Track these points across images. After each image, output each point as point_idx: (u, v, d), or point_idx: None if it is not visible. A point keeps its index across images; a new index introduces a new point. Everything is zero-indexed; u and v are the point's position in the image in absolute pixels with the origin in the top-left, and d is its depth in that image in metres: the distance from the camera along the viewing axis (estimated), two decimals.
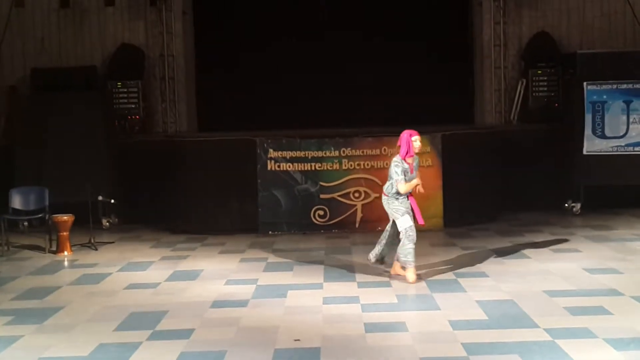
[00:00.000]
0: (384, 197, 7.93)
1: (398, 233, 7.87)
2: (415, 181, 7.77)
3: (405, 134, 7.87)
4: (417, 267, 7.98)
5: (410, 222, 7.76)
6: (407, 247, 7.75)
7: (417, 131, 7.92)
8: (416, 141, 7.84)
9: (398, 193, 7.76)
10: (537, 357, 5.51)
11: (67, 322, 6.82)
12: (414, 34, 13.57)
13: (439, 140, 10.88)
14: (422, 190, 7.91)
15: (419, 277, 7.86)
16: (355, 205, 10.81)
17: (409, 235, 7.73)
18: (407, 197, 7.84)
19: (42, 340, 6.30)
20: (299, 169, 10.89)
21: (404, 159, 7.79)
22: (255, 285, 7.92)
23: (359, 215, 10.82)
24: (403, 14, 13.72)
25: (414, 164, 7.85)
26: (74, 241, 10.06)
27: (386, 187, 7.89)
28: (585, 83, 11.62)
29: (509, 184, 11.90)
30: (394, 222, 7.89)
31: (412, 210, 7.83)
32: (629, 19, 13.13)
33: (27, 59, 13.16)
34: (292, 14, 13.80)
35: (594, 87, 11.62)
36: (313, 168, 10.90)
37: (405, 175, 7.72)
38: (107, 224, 11.65)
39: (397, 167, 7.72)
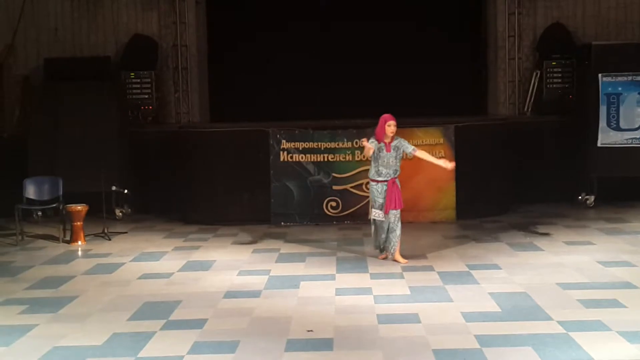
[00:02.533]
0: (369, 183, 8.40)
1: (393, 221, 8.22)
2: (367, 145, 8.02)
3: (382, 118, 8.18)
4: (429, 258, 8.03)
5: (375, 217, 8.22)
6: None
7: (393, 117, 8.19)
8: (389, 126, 8.12)
9: (377, 174, 8.16)
10: (550, 350, 5.50)
11: (81, 311, 6.86)
12: (429, 24, 13.51)
13: (452, 132, 10.84)
14: (442, 164, 8.34)
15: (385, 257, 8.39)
16: (367, 196, 10.75)
17: (372, 226, 8.32)
18: (389, 182, 8.10)
19: (57, 329, 6.34)
20: (312, 160, 10.88)
21: (379, 140, 8.12)
22: (267, 276, 7.94)
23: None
24: (418, 5, 13.66)
25: (393, 144, 8.12)
26: (87, 231, 10.11)
27: (369, 171, 8.37)
28: (600, 75, 11.54)
29: (522, 176, 11.85)
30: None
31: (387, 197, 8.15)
32: None
33: (41, 49, 13.20)
34: (307, 3, 13.76)
35: (609, 78, 11.55)
36: (326, 159, 10.89)
37: (379, 152, 8.08)
38: (120, 214, 11.70)
39: (371, 144, 8.10)
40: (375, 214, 8.22)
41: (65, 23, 13.34)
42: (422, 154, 8.32)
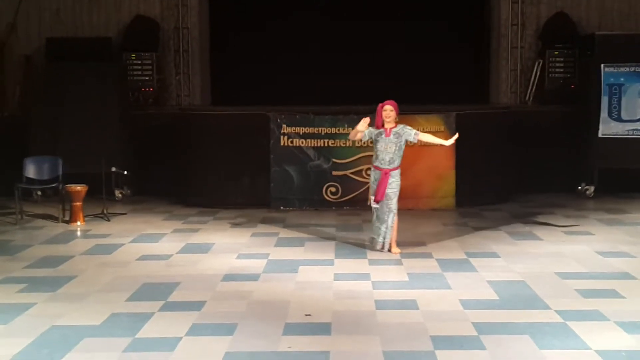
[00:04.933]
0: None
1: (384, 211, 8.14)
2: (360, 125, 7.98)
3: (380, 104, 8.13)
4: (427, 245, 8.04)
5: (371, 204, 8.14)
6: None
7: (393, 102, 8.10)
8: (385, 110, 8.04)
9: (375, 159, 8.11)
10: (548, 338, 5.51)
11: (79, 291, 6.86)
12: (431, 12, 13.45)
13: (453, 120, 10.83)
14: (445, 143, 8.31)
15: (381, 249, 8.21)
16: (367, 182, 10.74)
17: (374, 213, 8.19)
18: (387, 172, 8.02)
19: (55, 308, 6.35)
20: (312, 145, 10.87)
21: (378, 127, 8.05)
22: (266, 260, 7.95)
23: None
24: None
25: (395, 129, 8.02)
26: (86, 212, 10.10)
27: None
28: (602, 65, 11.51)
29: (523, 165, 11.85)
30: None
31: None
32: None
33: (43, 29, 13.13)
34: None
35: (611, 69, 11.52)
36: (326, 144, 10.88)
37: (378, 137, 8.03)
38: (120, 195, 11.69)
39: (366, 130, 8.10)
40: (372, 200, 8.17)
41: (67, 3, 13.26)
42: (425, 136, 8.20)
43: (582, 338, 5.51)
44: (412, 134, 8.05)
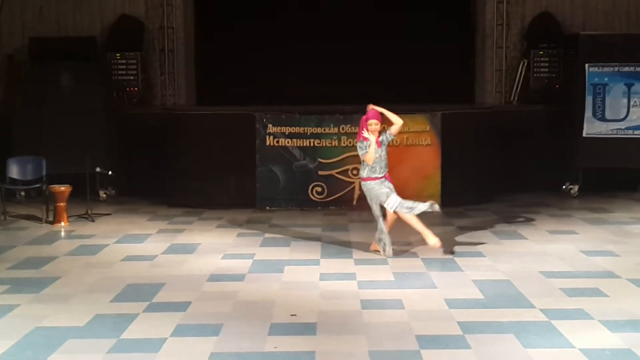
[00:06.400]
0: (363, 183, 8.05)
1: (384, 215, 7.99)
2: (373, 144, 7.80)
3: (362, 120, 7.99)
4: (413, 244, 8.04)
5: (399, 198, 7.86)
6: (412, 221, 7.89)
7: (373, 112, 7.96)
8: (370, 125, 7.90)
9: (372, 171, 7.88)
10: (533, 337, 5.53)
11: (63, 292, 6.82)
12: (416, 10, 13.44)
13: (438, 120, 10.85)
14: (396, 120, 8.01)
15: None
16: (353, 182, 10.79)
17: (410, 207, 7.84)
18: (385, 177, 7.94)
19: (39, 309, 6.30)
20: (298, 144, 10.86)
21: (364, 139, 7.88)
22: (252, 260, 7.93)
23: (357, 192, 10.78)
24: None
25: (382, 139, 7.93)
26: (70, 212, 10.04)
27: (361, 172, 8.04)
28: (587, 65, 11.55)
29: (508, 164, 11.88)
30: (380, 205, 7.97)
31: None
32: (633, 1, 13.04)
33: (26, 27, 13.02)
34: None
35: (596, 69, 11.57)
36: (312, 144, 10.87)
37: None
38: (105, 195, 11.63)
39: (360, 145, 7.92)
40: (393, 201, 7.85)
41: (50, 2, 13.17)
42: (394, 125, 8.02)
43: (567, 337, 5.53)
44: (387, 135, 8.02)
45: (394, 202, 7.86)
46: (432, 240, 7.88)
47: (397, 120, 8.04)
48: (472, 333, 5.63)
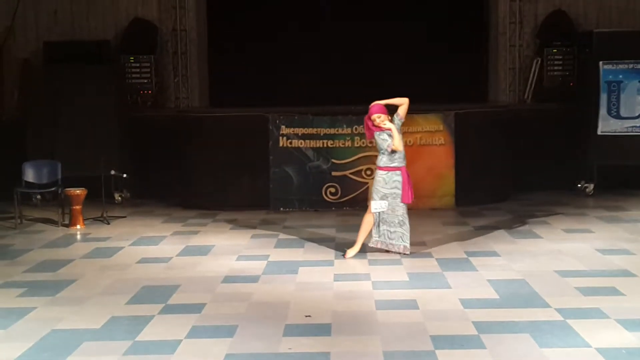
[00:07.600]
0: (376, 172, 8.04)
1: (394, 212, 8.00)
2: (395, 130, 7.82)
3: (366, 119, 8.05)
4: (427, 244, 8.03)
5: (380, 209, 7.89)
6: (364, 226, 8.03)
7: (374, 106, 7.99)
8: (374, 120, 7.93)
9: (391, 160, 7.84)
10: (548, 337, 5.51)
11: (79, 294, 6.86)
12: (429, 10, 13.43)
13: (452, 119, 10.83)
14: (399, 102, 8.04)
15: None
16: (366, 183, 10.76)
17: (375, 230, 8.05)
18: (401, 170, 7.90)
19: (55, 312, 6.34)
20: (311, 145, 10.87)
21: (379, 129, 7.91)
22: (266, 261, 7.94)
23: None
24: None
25: (394, 124, 7.92)
26: (86, 215, 10.10)
27: (378, 161, 8.01)
28: (601, 62, 11.50)
29: (522, 163, 11.83)
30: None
31: (402, 186, 7.90)
32: None
33: (40, 32, 13.11)
34: None
35: (610, 66, 11.51)
36: (325, 145, 10.87)
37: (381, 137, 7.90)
38: (119, 198, 11.68)
39: (381, 137, 7.89)
40: (377, 205, 7.93)
41: (64, 6, 13.25)
42: (400, 107, 8.05)
43: (583, 336, 5.50)
44: (397, 119, 7.99)
45: (378, 207, 7.92)
46: (351, 252, 8.00)
47: (401, 102, 8.03)
48: (487, 333, 5.61)
